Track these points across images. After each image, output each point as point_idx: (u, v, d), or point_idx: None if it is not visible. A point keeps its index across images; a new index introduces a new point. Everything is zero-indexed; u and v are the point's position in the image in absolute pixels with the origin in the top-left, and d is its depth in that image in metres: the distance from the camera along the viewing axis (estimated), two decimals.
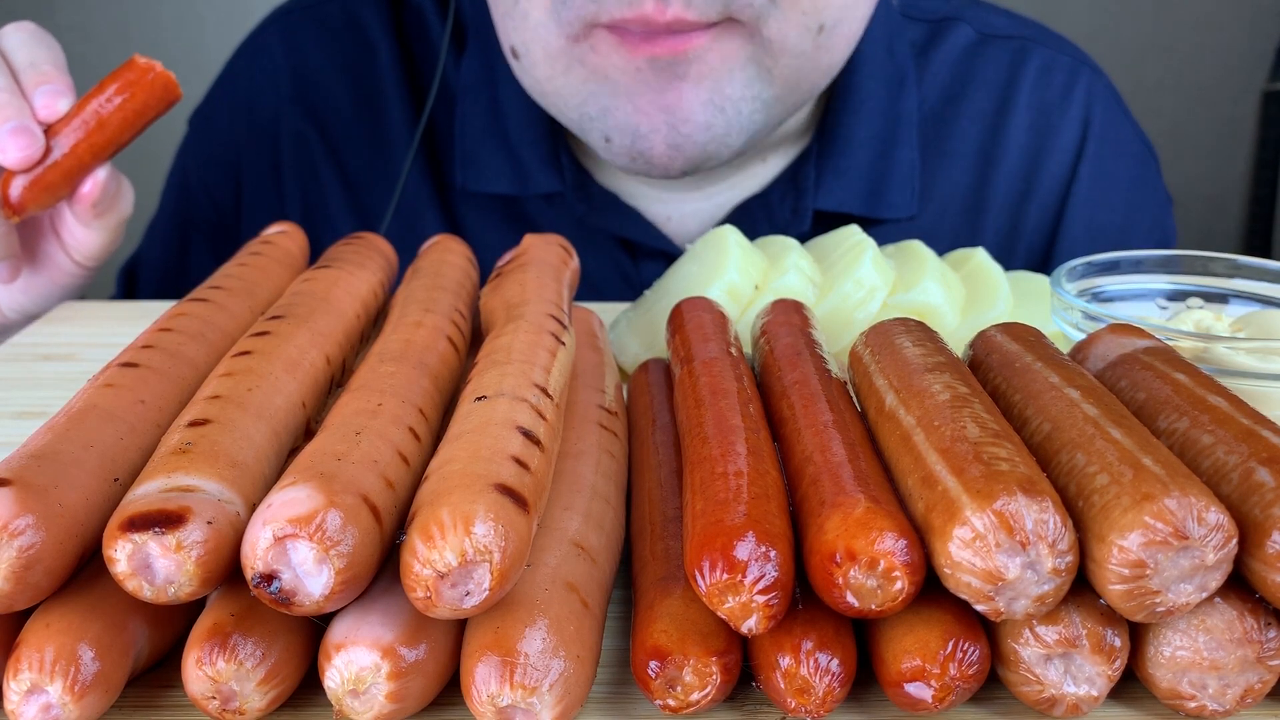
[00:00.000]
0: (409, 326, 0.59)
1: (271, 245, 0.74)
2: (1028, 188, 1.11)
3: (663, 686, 0.43)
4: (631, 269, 1.07)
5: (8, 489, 0.41)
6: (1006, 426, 0.47)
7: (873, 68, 1.06)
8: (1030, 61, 1.12)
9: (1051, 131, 1.11)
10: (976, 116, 1.10)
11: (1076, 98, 1.12)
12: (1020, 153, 1.10)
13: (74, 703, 0.40)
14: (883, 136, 1.06)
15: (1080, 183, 1.11)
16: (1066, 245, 1.10)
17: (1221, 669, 0.43)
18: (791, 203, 1.04)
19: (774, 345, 0.61)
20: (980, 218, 1.10)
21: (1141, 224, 1.14)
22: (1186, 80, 3.25)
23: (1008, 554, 0.40)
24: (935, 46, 1.12)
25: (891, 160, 1.05)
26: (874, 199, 1.05)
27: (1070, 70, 1.13)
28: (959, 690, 0.42)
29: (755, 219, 1.05)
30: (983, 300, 0.78)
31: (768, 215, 1.05)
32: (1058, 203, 1.11)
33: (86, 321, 0.91)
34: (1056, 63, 1.13)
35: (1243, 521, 0.42)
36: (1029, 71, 1.11)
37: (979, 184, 1.10)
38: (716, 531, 0.43)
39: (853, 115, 1.05)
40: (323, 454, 0.44)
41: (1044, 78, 1.12)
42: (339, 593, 0.40)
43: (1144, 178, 1.15)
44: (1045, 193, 1.11)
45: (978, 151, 1.10)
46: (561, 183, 1.04)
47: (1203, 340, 0.65)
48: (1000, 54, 1.12)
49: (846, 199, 1.04)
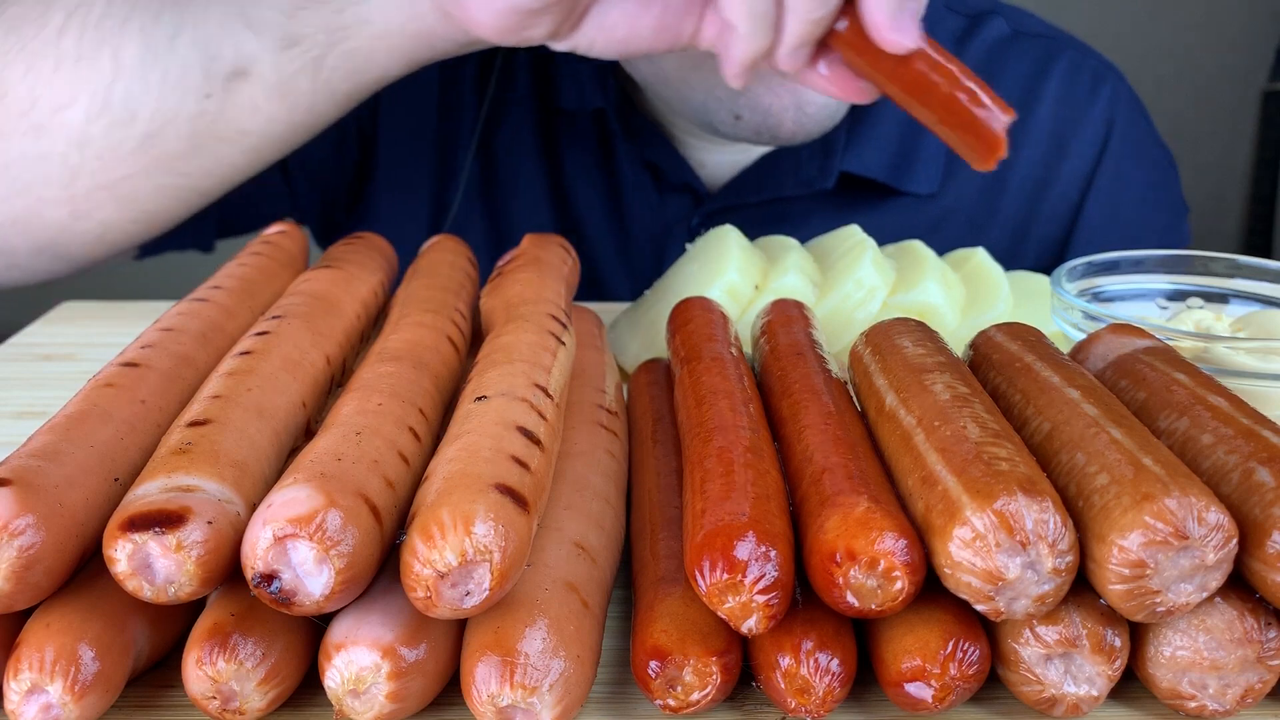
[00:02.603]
0: (409, 326, 0.59)
1: (271, 245, 0.74)
2: (1048, 177, 1.13)
3: (663, 686, 0.43)
4: (656, 201, 1.10)
5: (8, 489, 0.41)
6: (1006, 426, 0.47)
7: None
8: (1060, 59, 1.15)
9: (1076, 127, 1.13)
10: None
11: (1102, 98, 1.14)
12: (1043, 143, 1.13)
13: (74, 703, 0.40)
14: None
15: (1101, 179, 1.13)
16: (1082, 239, 1.13)
17: (1222, 669, 0.43)
18: (819, 161, 1.07)
19: (774, 345, 0.61)
20: (998, 200, 1.12)
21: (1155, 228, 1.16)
22: (1186, 80, 3.26)
23: (1008, 554, 0.40)
24: (971, 37, 1.15)
25: (921, 135, 1.08)
26: (900, 170, 1.07)
27: (1097, 73, 1.16)
28: (959, 690, 0.42)
29: (782, 171, 1.07)
30: (983, 300, 0.78)
31: (795, 169, 1.07)
32: (1077, 196, 1.13)
33: (86, 321, 0.91)
34: (1085, 64, 1.16)
35: (1243, 521, 0.42)
36: (1058, 69, 1.14)
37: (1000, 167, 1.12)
38: (716, 531, 0.43)
39: None
40: (323, 454, 0.44)
41: (1072, 76, 1.15)
42: (339, 593, 0.40)
43: (1162, 183, 1.18)
44: (1065, 184, 1.13)
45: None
46: (604, 100, 1.07)
47: (1203, 340, 0.65)
48: (1032, 49, 1.15)
49: (873, 165, 1.07)
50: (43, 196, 0.83)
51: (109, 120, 0.80)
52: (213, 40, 0.78)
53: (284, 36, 0.77)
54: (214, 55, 0.78)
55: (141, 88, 0.79)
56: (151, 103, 0.79)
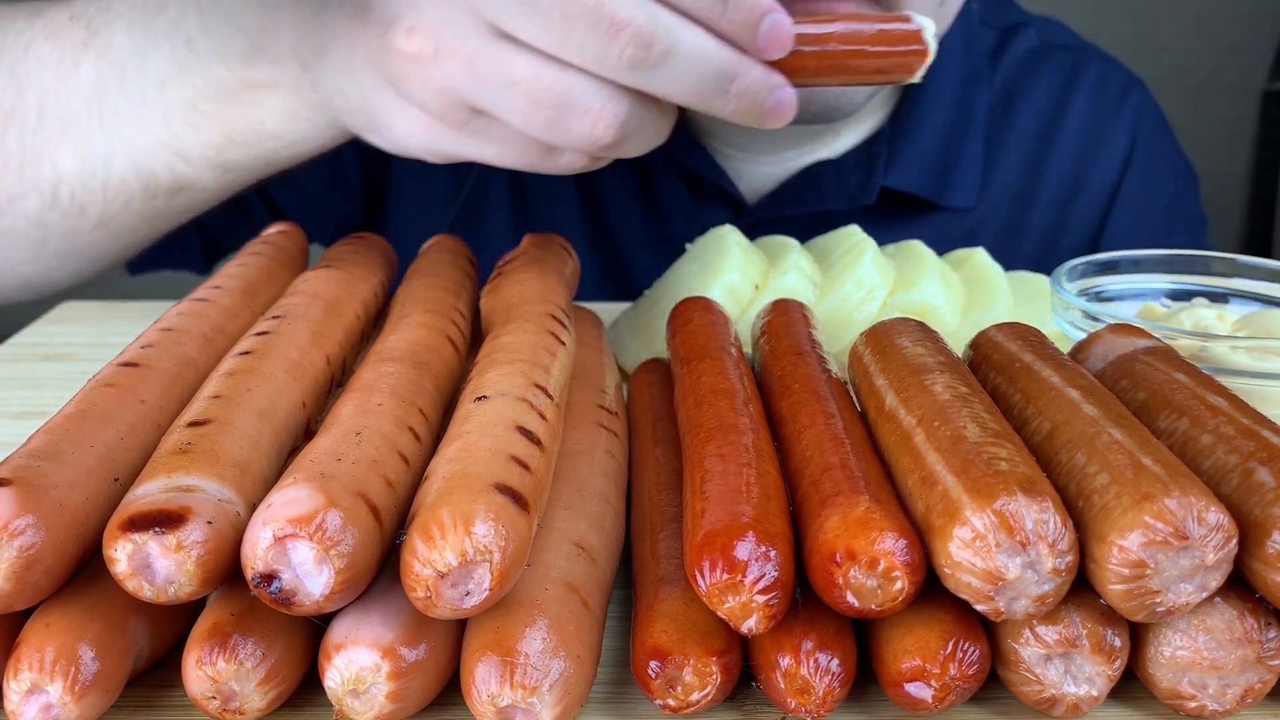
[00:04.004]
0: (409, 326, 0.59)
1: (271, 245, 0.74)
2: (1075, 189, 1.15)
3: (663, 686, 0.43)
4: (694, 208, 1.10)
5: (8, 489, 0.41)
6: (1006, 426, 0.47)
7: (951, 61, 1.10)
8: (1089, 71, 1.17)
9: (1103, 138, 1.15)
10: (1033, 115, 1.15)
11: (1129, 109, 1.16)
12: (1071, 154, 1.14)
13: (74, 703, 0.40)
14: (954, 127, 1.10)
15: (1126, 190, 1.15)
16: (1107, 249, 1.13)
17: (1221, 669, 0.43)
18: (862, 176, 1.07)
19: (774, 345, 0.61)
20: (1027, 212, 1.14)
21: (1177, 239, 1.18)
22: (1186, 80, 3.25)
23: (1008, 554, 0.40)
24: (1005, 50, 1.17)
25: (959, 152, 1.09)
26: (940, 185, 1.08)
27: (1124, 84, 1.18)
28: (959, 690, 0.42)
29: (826, 185, 1.08)
30: (983, 300, 0.78)
31: (839, 183, 1.08)
32: (1104, 207, 1.15)
33: (86, 321, 0.91)
34: (1112, 75, 1.18)
35: (1243, 521, 0.42)
36: (1086, 79, 1.16)
37: (1030, 180, 1.15)
38: (716, 531, 0.43)
39: (929, 103, 1.09)
40: (323, 454, 0.44)
41: (1100, 86, 1.17)
42: (339, 593, 0.40)
43: (1184, 195, 1.20)
44: (1092, 195, 1.15)
45: (1033, 148, 1.15)
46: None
47: (1201, 339, 0.65)
48: (1061, 60, 1.17)
49: (914, 180, 1.08)
50: (14, 258, 0.86)
51: (61, 212, 0.83)
52: (145, 166, 0.80)
53: (215, 166, 0.80)
54: (151, 175, 0.81)
55: (86, 193, 0.82)
56: (99, 203, 0.82)
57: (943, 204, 1.08)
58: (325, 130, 0.75)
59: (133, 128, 0.80)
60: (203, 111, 0.78)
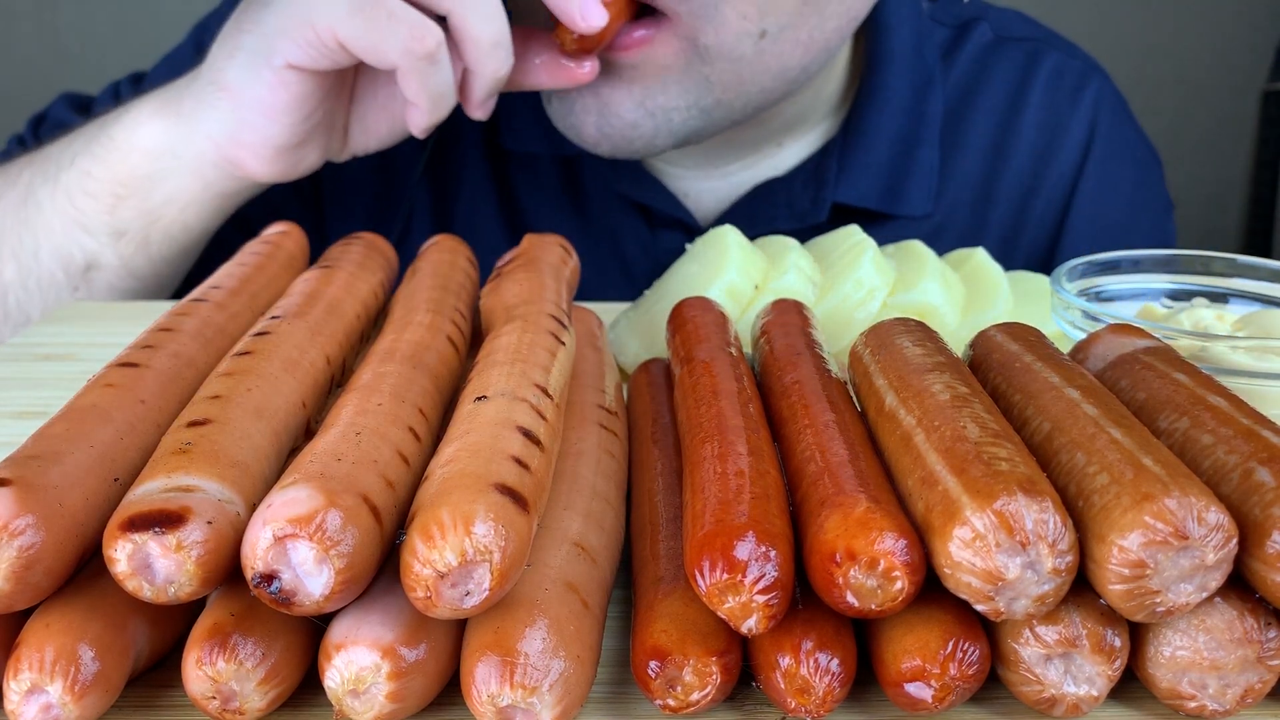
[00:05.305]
0: (409, 326, 0.59)
1: (271, 245, 0.74)
2: (1034, 184, 1.13)
3: (663, 686, 0.43)
4: (649, 238, 1.09)
5: (8, 489, 0.41)
6: (1006, 426, 0.47)
7: (901, 67, 1.08)
8: (1043, 63, 1.14)
9: (1060, 131, 1.13)
10: (990, 112, 1.13)
11: (1086, 100, 1.14)
12: (1029, 150, 1.13)
13: (74, 703, 0.40)
14: (906, 135, 1.08)
15: (1086, 182, 1.13)
16: (1070, 242, 1.12)
17: (1221, 669, 0.43)
18: (812, 192, 1.06)
19: (774, 345, 0.61)
20: (988, 211, 1.12)
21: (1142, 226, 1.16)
22: (1186, 80, 3.26)
23: (1008, 554, 0.40)
24: (958, 48, 1.15)
25: (913, 159, 1.08)
26: (892, 196, 1.07)
27: (1081, 74, 1.15)
28: (959, 690, 0.42)
29: (776, 204, 1.07)
30: (983, 300, 0.78)
31: (789, 201, 1.07)
32: (1063, 200, 1.13)
33: (86, 321, 0.91)
34: (1068, 66, 1.15)
35: (1243, 521, 0.42)
36: (1041, 72, 1.14)
37: (989, 178, 1.13)
38: (716, 531, 0.43)
39: (879, 112, 1.07)
40: (323, 454, 0.44)
41: (1055, 79, 1.14)
42: (339, 593, 0.40)
43: (1146, 182, 1.18)
44: (1051, 190, 1.13)
45: (989, 147, 1.13)
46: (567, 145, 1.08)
47: (1201, 339, 0.65)
48: (1015, 54, 1.15)
49: (866, 193, 1.06)
50: None
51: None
52: (62, 247, 0.92)
53: (112, 231, 0.91)
54: (68, 257, 0.93)
55: (26, 295, 0.95)
56: (37, 303, 0.95)
57: (898, 214, 1.06)
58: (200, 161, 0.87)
59: (48, 212, 0.92)
60: (95, 176, 0.89)
